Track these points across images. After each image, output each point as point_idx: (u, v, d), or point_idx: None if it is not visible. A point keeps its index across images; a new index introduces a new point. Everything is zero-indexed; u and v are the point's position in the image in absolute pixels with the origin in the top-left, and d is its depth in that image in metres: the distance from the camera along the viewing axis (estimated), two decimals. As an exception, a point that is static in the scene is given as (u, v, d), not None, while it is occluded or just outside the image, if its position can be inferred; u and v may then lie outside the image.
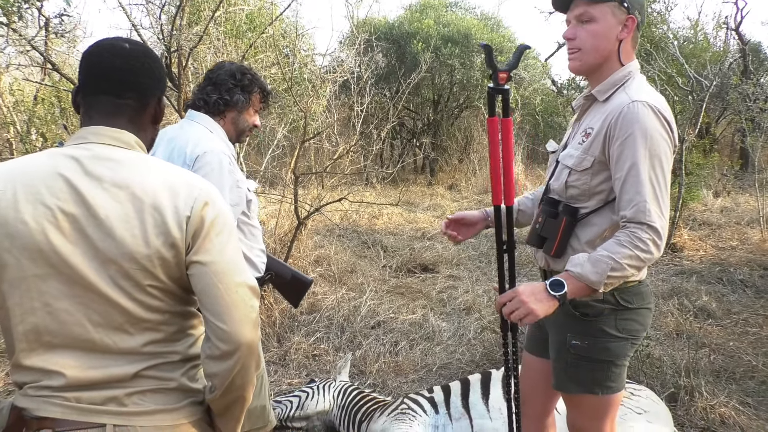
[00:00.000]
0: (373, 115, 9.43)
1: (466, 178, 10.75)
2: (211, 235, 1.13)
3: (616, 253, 1.50)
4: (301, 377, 3.41)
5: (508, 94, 1.53)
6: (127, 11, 4.10)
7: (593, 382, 1.72)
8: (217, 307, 1.12)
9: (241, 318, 1.13)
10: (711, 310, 4.35)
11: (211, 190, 1.18)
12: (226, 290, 1.12)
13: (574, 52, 1.67)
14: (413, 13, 12.16)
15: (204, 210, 1.13)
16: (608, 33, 1.62)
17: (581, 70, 1.70)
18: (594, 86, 1.71)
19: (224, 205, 1.20)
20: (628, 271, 1.52)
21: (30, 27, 4.22)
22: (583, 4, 1.63)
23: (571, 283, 1.55)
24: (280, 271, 2.28)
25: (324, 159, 8.30)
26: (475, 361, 3.57)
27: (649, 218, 1.50)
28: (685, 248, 6.08)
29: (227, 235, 1.17)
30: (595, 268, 1.52)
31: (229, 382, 1.15)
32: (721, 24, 10.80)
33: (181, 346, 1.21)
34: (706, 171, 6.44)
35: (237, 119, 2.10)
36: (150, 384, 1.16)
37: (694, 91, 6.48)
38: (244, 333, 1.12)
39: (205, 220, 1.13)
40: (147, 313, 1.13)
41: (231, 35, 5.49)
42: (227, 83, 2.05)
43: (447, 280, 5.30)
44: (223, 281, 1.12)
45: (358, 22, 12.11)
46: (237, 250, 1.18)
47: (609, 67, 1.67)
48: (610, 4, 1.60)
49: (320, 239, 6.17)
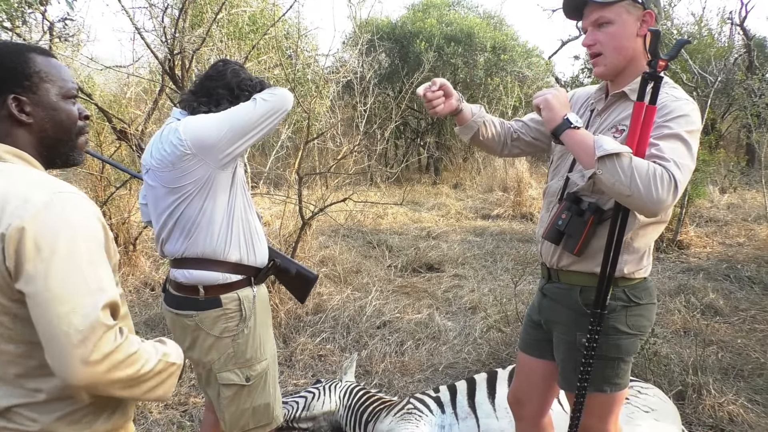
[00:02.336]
0: (377, 115, 9.43)
1: (470, 177, 10.73)
2: (37, 258, 1.00)
3: (635, 159, 1.45)
4: (307, 378, 3.41)
5: (660, 82, 1.50)
6: (130, 14, 4.10)
7: (603, 380, 1.72)
8: (44, 341, 1.01)
9: (66, 354, 0.99)
10: (718, 307, 4.33)
11: (46, 206, 1.03)
12: (50, 323, 0.99)
13: (597, 57, 1.66)
14: (416, 12, 12.16)
15: (30, 229, 1.00)
16: (627, 32, 1.61)
17: (607, 74, 1.68)
18: (620, 84, 1.69)
19: (64, 225, 1.04)
20: (627, 180, 1.43)
21: (34, 31, 4.23)
22: (596, 8, 1.61)
23: (582, 132, 1.57)
24: (286, 266, 2.23)
25: (328, 159, 8.29)
26: (481, 360, 3.56)
27: (672, 169, 1.45)
28: (692, 245, 6.05)
29: (61, 259, 1.01)
30: (615, 145, 1.47)
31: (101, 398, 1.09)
32: (726, 19, 10.75)
33: (47, 383, 1.09)
34: (712, 167, 6.41)
35: None
36: (11, 425, 1.08)
37: (698, 87, 6.46)
38: (70, 372, 0.99)
39: (25, 240, 1.00)
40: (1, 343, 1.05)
41: (234, 37, 5.51)
42: (223, 99, 1.96)
43: (452, 279, 5.29)
44: (49, 313, 0.99)
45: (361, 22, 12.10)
46: (70, 277, 1.01)
47: (636, 65, 1.65)
48: (624, 3, 1.59)
49: (325, 239, 6.18)
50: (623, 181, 1.43)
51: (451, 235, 6.96)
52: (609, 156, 1.45)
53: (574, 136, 1.56)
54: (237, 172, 1.94)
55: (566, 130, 1.57)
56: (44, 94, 1.17)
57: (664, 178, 1.42)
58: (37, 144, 1.18)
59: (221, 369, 1.97)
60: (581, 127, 1.59)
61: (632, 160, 1.44)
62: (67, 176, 7.19)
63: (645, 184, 1.42)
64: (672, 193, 1.43)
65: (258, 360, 2.01)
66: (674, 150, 1.48)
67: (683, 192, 5.45)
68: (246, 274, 1.97)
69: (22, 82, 1.15)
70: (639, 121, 1.51)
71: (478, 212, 8.40)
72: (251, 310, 1.96)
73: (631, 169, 1.43)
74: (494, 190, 9.43)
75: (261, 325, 2.03)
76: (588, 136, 1.56)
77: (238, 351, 1.96)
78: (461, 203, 8.96)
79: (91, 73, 6.78)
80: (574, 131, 1.57)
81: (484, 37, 10.78)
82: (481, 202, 9.06)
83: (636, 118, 1.51)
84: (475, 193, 9.75)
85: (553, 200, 1.81)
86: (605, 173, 1.46)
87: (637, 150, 1.50)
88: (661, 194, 1.42)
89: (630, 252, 1.67)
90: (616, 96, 1.70)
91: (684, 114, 1.53)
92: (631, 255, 1.67)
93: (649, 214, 1.51)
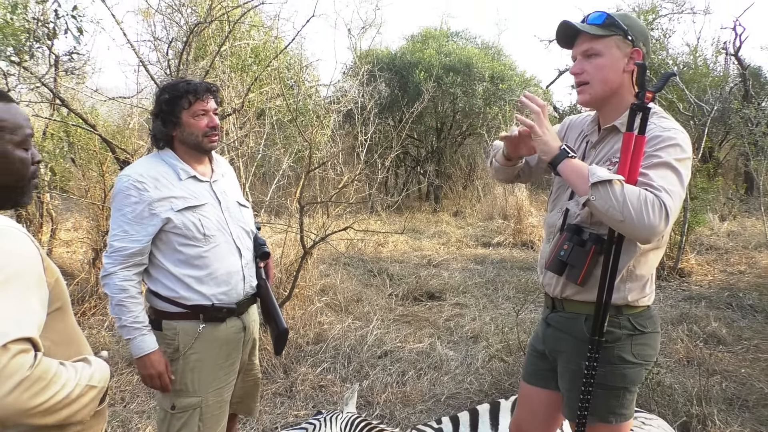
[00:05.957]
0: (378, 144, 9.51)
1: (470, 205, 10.77)
2: None
3: (627, 186, 1.51)
4: (308, 409, 3.38)
5: (648, 112, 1.56)
6: (136, 47, 4.18)
7: (608, 410, 1.71)
8: None
9: None
10: (721, 336, 4.31)
11: None
12: None
13: (583, 86, 1.72)
14: (415, 43, 12.35)
15: None
16: (614, 65, 1.67)
17: (590, 102, 1.75)
18: (609, 117, 1.74)
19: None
20: (619, 206, 1.48)
21: (41, 64, 4.30)
22: (587, 39, 1.68)
23: (577, 162, 1.62)
24: (266, 309, 2.24)
25: (329, 188, 8.35)
26: (483, 390, 3.53)
27: (662, 196, 1.49)
28: (693, 273, 6.04)
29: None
30: (607, 173, 1.53)
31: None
32: (720, 49, 10.90)
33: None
34: (711, 195, 6.44)
35: (182, 136, 2.04)
36: None
37: (695, 116, 6.52)
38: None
39: None
40: None
41: (236, 69, 5.59)
42: (152, 116, 2.05)
43: (453, 308, 5.27)
44: None
45: (361, 53, 12.30)
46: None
47: (623, 99, 1.70)
48: (615, 37, 1.66)
49: (326, 268, 6.17)
50: (616, 207, 1.49)
51: (452, 263, 6.95)
52: (602, 182, 1.51)
53: (570, 165, 1.62)
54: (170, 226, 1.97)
55: (564, 160, 1.62)
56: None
57: (655, 204, 1.47)
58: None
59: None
60: (576, 155, 1.65)
61: (624, 187, 1.50)
62: (69, 206, 7.22)
63: (637, 210, 1.47)
64: (664, 220, 1.47)
65: (188, 393, 2.02)
66: (664, 177, 1.53)
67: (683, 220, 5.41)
68: (187, 308, 2.00)
69: None
70: (629, 151, 1.56)
71: (479, 240, 8.41)
72: (188, 344, 2.01)
73: (623, 195, 1.48)
74: (494, 218, 9.45)
75: (203, 363, 2.03)
76: (583, 165, 1.62)
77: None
78: (462, 231, 8.98)
79: (95, 104, 6.87)
80: (570, 160, 1.62)
81: (483, 67, 10.93)
82: (481, 229, 9.07)
83: (626, 148, 1.57)
84: (476, 221, 9.77)
85: (554, 231, 1.83)
86: (598, 199, 1.52)
87: (628, 179, 1.55)
88: (653, 220, 1.46)
89: (633, 279, 1.68)
90: (607, 130, 1.76)
91: (673, 143, 1.57)
92: (635, 282, 1.69)
93: (643, 240, 1.55)
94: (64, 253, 6.00)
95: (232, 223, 2.10)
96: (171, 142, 2.06)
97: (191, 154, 2.07)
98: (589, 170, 1.56)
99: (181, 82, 2.03)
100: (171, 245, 1.98)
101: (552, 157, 1.64)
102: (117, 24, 4.08)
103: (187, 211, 1.98)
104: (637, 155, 1.55)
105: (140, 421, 3.12)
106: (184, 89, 1.99)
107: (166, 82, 2.08)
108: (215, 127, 2.07)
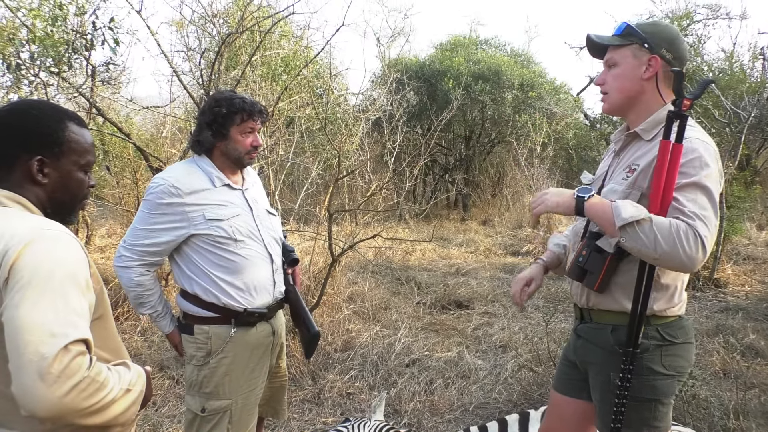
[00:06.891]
0: (406, 152, 9.53)
1: (499, 213, 10.69)
2: (15, 287, 1.05)
3: (656, 220, 1.48)
4: (336, 416, 3.38)
5: (686, 120, 1.55)
6: (169, 58, 4.28)
7: (641, 423, 1.67)
8: (13, 371, 1.02)
9: (30, 385, 1.00)
10: (759, 348, 4.18)
11: (32, 241, 1.10)
12: (17, 350, 1.01)
13: (604, 96, 1.77)
14: (444, 51, 12.37)
15: (13, 260, 1.07)
16: (630, 74, 1.69)
17: (611, 111, 1.80)
18: (634, 124, 1.74)
19: (45, 258, 1.09)
20: (651, 244, 1.47)
21: (78, 75, 4.43)
22: (610, 49, 1.73)
23: (600, 202, 1.60)
24: (296, 313, 2.29)
25: (357, 196, 8.38)
26: (512, 400, 3.49)
27: (696, 226, 1.47)
28: (730, 283, 5.88)
29: (35, 290, 1.05)
30: (633, 211, 1.50)
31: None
32: (758, 55, 10.62)
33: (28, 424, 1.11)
34: (748, 203, 6.28)
35: (226, 149, 2.09)
36: None
37: (731, 123, 6.37)
38: (35, 402, 1.00)
39: (12, 270, 1.06)
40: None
41: (267, 78, 5.67)
42: (201, 123, 2.09)
43: (482, 316, 5.23)
44: (15, 340, 1.02)
45: (390, 62, 12.37)
46: (41, 308, 1.05)
47: (647, 106, 1.70)
48: (632, 46, 1.68)
49: (354, 276, 6.19)
50: (648, 245, 1.48)
51: (481, 272, 6.90)
52: (630, 224, 1.50)
53: (593, 209, 1.61)
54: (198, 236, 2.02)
55: (584, 206, 1.63)
56: (66, 162, 1.27)
57: (689, 234, 1.46)
58: (44, 201, 1.26)
59: (186, 391, 2.11)
60: (594, 192, 1.64)
61: (653, 223, 1.48)
62: (103, 212, 7.40)
63: (670, 245, 1.46)
64: (701, 250, 1.45)
65: (218, 396, 2.05)
66: (695, 201, 1.51)
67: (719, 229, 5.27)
68: (220, 313, 2.04)
69: (52, 148, 1.25)
70: (666, 159, 1.54)
71: (508, 249, 8.33)
72: (220, 347, 2.04)
73: (653, 232, 1.47)
74: (523, 227, 9.36)
75: (234, 366, 2.07)
76: (604, 204, 1.60)
77: (201, 380, 2.05)
78: (490, 239, 8.91)
79: (129, 113, 7.04)
80: (591, 204, 1.62)
81: (512, 75, 10.87)
82: (510, 238, 8.99)
83: (662, 156, 1.54)
84: (504, 230, 9.69)
85: (577, 240, 1.85)
86: (629, 240, 1.52)
87: (665, 190, 1.53)
88: (689, 252, 1.45)
89: (658, 289, 1.65)
90: (630, 136, 1.76)
91: (697, 155, 1.55)
92: (660, 292, 1.66)
93: (684, 271, 1.57)
94: (98, 259, 6.15)
95: (263, 230, 2.15)
96: (211, 150, 2.10)
97: (228, 165, 2.12)
98: (614, 210, 1.54)
99: (237, 98, 2.07)
100: (207, 249, 2.02)
101: (573, 209, 1.65)
102: (152, 35, 4.18)
103: (219, 217, 2.02)
104: (674, 163, 1.54)
105: (171, 425, 3.16)
106: (240, 106, 2.05)
107: (220, 94, 2.12)
108: (258, 147, 2.15)
